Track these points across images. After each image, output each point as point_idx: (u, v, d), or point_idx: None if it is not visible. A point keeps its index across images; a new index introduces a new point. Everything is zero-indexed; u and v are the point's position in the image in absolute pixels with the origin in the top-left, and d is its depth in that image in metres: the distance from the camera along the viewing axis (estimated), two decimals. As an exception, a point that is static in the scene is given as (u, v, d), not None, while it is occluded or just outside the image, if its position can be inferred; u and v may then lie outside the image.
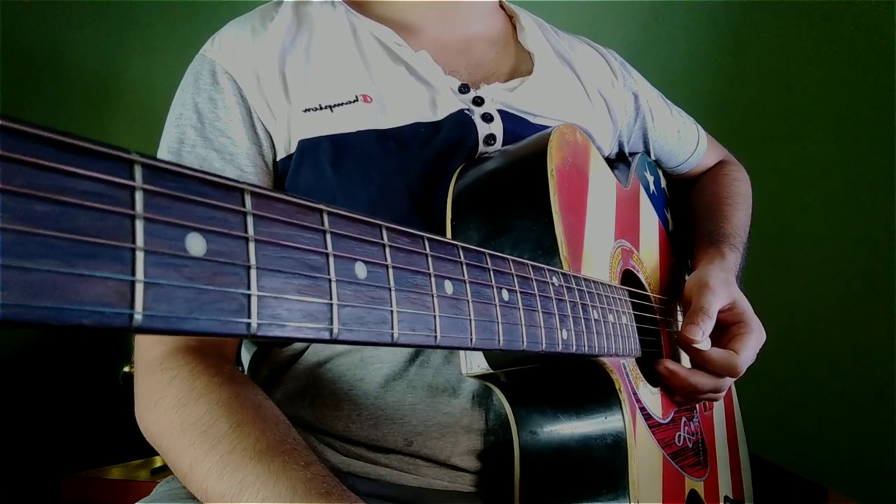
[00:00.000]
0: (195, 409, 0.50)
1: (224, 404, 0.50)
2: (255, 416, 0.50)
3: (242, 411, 0.50)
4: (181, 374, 0.54)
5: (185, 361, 0.55)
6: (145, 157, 0.21)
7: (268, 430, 0.49)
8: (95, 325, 0.19)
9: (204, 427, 0.49)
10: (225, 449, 0.47)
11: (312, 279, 0.26)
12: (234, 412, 0.50)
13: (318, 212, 0.27)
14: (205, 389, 0.52)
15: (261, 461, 0.46)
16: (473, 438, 0.61)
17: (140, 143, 1.45)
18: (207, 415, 0.50)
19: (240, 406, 0.51)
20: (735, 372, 0.64)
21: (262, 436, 0.48)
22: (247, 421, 0.49)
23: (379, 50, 0.68)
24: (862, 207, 1.45)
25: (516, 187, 0.57)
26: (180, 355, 0.55)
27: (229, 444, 0.47)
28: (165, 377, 0.54)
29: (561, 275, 0.48)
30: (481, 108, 0.67)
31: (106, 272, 0.19)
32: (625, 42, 1.65)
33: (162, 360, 0.55)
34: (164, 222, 0.21)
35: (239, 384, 0.54)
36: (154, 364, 0.56)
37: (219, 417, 0.49)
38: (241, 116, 0.64)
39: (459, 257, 0.36)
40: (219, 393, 0.51)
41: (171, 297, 0.21)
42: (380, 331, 0.29)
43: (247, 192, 0.24)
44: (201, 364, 0.54)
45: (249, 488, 0.45)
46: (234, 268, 0.23)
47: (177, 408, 0.51)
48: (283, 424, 0.52)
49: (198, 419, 0.50)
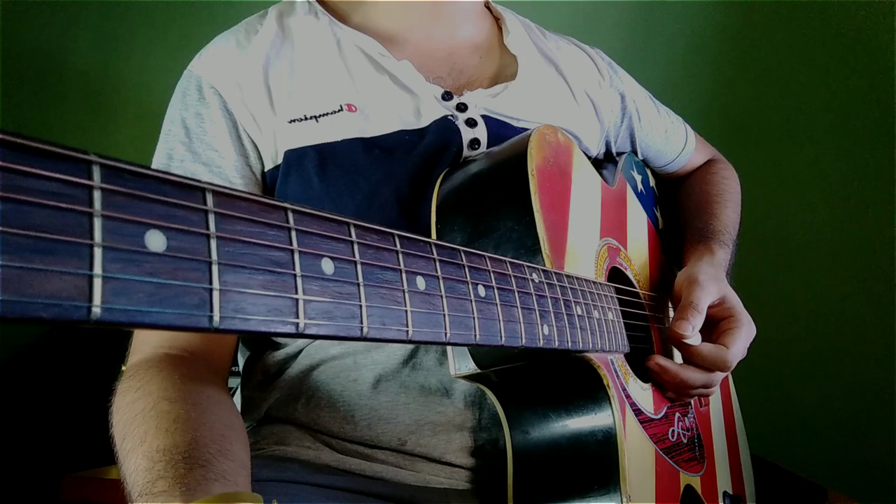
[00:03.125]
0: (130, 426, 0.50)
1: (165, 415, 0.50)
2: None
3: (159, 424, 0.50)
4: (134, 385, 0.54)
5: (154, 372, 0.55)
6: (104, 158, 0.22)
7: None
8: (54, 318, 0.19)
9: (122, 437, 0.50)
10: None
11: (277, 274, 0.27)
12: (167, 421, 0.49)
13: (283, 210, 0.28)
14: (157, 396, 0.52)
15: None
16: (466, 436, 0.62)
17: (139, 142, 1.46)
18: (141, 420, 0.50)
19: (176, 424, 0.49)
20: (725, 366, 0.64)
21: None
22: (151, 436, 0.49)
23: (363, 60, 0.69)
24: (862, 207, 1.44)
25: (498, 188, 0.58)
26: (147, 366, 0.56)
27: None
28: (128, 385, 0.54)
29: (542, 271, 0.48)
30: (465, 113, 0.68)
31: (63, 267, 0.20)
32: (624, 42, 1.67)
33: (136, 369, 0.56)
34: (122, 220, 0.22)
35: (191, 403, 0.52)
36: (135, 369, 0.57)
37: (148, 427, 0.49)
38: (228, 129, 0.65)
39: (432, 254, 0.37)
40: (166, 405, 0.51)
41: (131, 291, 0.21)
42: (348, 325, 0.30)
43: (208, 191, 0.25)
44: (161, 374, 0.54)
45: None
46: (196, 263, 0.24)
47: (119, 424, 0.52)
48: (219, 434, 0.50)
49: (133, 417, 0.50)
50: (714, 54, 1.63)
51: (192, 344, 0.61)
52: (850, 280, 1.44)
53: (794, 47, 1.55)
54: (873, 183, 1.42)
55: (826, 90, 1.50)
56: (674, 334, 0.63)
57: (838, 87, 1.49)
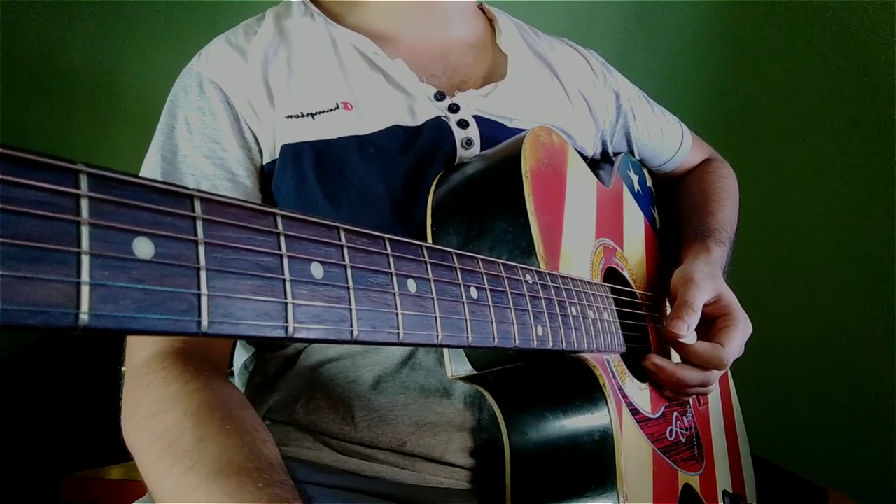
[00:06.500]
0: (164, 419, 0.51)
1: (192, 415, 0.50)
2: (220, 431, 0.50)
3: (209, 423, 0.50)
4: (156, 381, 0.54)
5: (163, 366, 0.55)
6: (91, 167, 0.22)
7: (230, 446, 0.49)
8: (42, 326, 0.20)
9: (169, 441, 0.49)
10: (185, 467, 0.47)
11: (266, 279, 0.27)
12: (200, 424, 0.50)
13: (272, 216, 0.29)
14: (175, 397, 0.52)
15: (216, 481, 0.46)
16: (466, 436, 0.62)
17: (139, 142, 1.45)
18: (175, 426, 0.50)
19: (207, 417, 0.50)
20: (721, 364, 0.64)
21: (224, 452, 0.48)
22: (211, 435, 0.49)
23: (358, 59, 0.70)
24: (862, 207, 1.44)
25: (492, 190, 0.58)
26: (160, 359, 0.56)
27: (189, 462, 0.47)
28: (143, 382, 0.55)
29: (535, 272, 0.48)
30: (457, 114, 0.69)
31: (51, 275, 0.20)
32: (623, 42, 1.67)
33: (143, 365, 0.56)
34: (110, 227, 0.22)
35: (212, 391, 0.54)
36: (135, 369, 0.57)
37: (185, 430, 0.49)
38: (230, 122, 0.66)
39: (423, 257, 0.37)
40: (189, 402, 0.52)
41: (119, 298, 0.22)
42: (339, 328, 0.30)
43: (196, 198, 0.25)
44: (178, 369, 0.55)
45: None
46: (184, 269, 0.24)
47: (148, 417, 0.52)
48: (251, 436, 0.51)
49: (164, 431, 0.50)
50: (714, 54, 1.63)
51: (192, 340, 0.61)
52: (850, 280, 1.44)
53: (793, 47, 1.55)
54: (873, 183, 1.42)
55: (826, 90, 1.50)
56: (669, 333, 0.63)
57: (838, 87, 1.49)
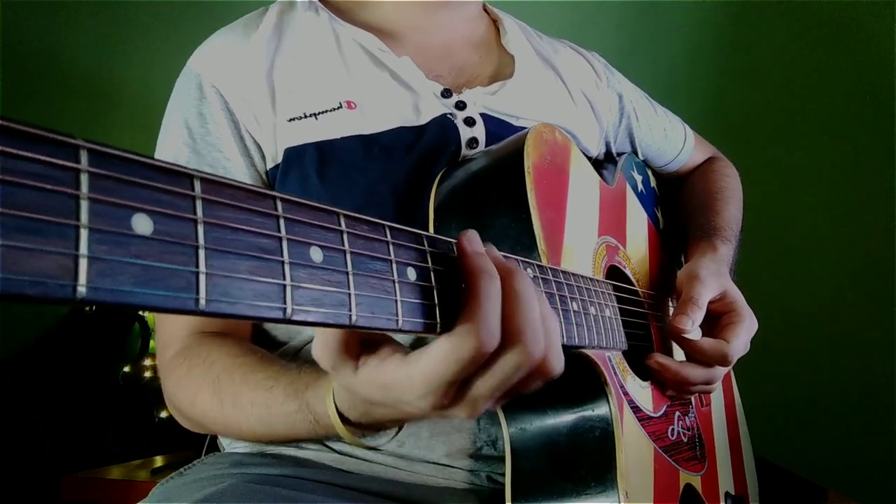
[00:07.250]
0: (223, 379, 0.58)
1: (239, 365, 0.59)
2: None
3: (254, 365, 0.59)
4: (195, 362, 0.61)
5: (196, 350, 0.62)
6: (92, 143, 0.22)
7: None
8: (39, 296, 0.20)
9: (237, 384, 0.58)
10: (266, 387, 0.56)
11: (264, 261, 0.27)
12: (249, 367, 0.59)
13: (272, 198, 0.29)
14: (220, 362, 0.60)
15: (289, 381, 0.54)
16: (465, 438, 0.62)
17: (139, 141, 1.46)
18: (234, 376, 0.58)
19: (254, 359, 0.60)
20: (726, 361, 0.64)
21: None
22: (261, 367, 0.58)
23: (362, 56, 0.70)
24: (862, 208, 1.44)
25: (495, 186, 0.58)
26: (188, 349, 0.62)
27: (269, 383, 0.56)
28: (184, 368, 0.61)
29: (536, 266, 0.48)
30: (464, 112, 0.69)
31: (49, 247, 0.20)
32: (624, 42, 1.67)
33: (183, 359, 0.61)
34: (109, 203, 0.22)
35: (248, 353, 0.61)
36: (174, 362, 0.62)
37: (249, 371, 0.58)
38: (231, 130, 0.66)
39: (424, 245, 0.37)
40: (229, 359, 0.60)
41: (117, 272, 0.22)
42: (337, 312, 0.30)
43: (196, 178, 0.26)
44: (214, 352, 0.61)
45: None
46: (182, 247, 0.24)
47: (213, 395, 0.58)
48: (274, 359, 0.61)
49: (227, 396, 0.58)
50: (714, 54, 1.63)
51: (218, 325, 0.65)
52: (850, 280, 1.43)
53: (793, 47, 1.55)
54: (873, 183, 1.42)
55: (826, 90, 1.50)
56: (673, 329, 0.63)
57: (838, 87, 1.49)
